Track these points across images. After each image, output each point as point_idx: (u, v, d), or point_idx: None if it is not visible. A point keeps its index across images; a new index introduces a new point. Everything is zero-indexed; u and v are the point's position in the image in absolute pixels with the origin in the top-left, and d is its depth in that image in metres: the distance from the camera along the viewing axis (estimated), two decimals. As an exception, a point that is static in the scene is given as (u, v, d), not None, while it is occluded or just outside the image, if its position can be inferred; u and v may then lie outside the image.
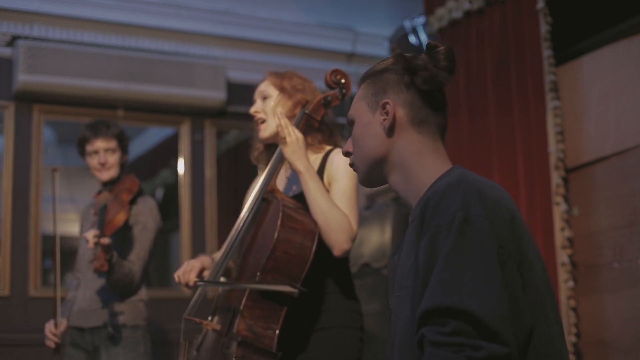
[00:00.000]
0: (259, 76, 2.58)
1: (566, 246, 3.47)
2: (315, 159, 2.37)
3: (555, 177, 3.52)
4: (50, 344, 3.03)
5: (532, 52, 3.70)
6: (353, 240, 2.22)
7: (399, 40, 4.58)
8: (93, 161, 3.20)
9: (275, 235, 2.11)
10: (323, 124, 2.39)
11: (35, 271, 4.40)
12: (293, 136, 2.24)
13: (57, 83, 4.46)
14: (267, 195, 2.28)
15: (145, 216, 3.19)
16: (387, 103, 1.48)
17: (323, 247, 2.21)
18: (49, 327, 3.05)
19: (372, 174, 1.53)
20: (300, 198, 2.27)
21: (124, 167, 3.29)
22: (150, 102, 4.74)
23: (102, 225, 2.97)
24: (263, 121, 2.43)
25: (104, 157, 3.18)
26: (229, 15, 4.97)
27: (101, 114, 4.71)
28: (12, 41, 4.50)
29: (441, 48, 1.46)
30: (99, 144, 3.18)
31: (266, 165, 2.41)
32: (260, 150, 2.52)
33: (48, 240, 4.76)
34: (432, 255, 1.28)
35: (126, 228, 3.14)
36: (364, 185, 1.58)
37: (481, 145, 3.91)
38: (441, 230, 1.28)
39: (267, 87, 2.44)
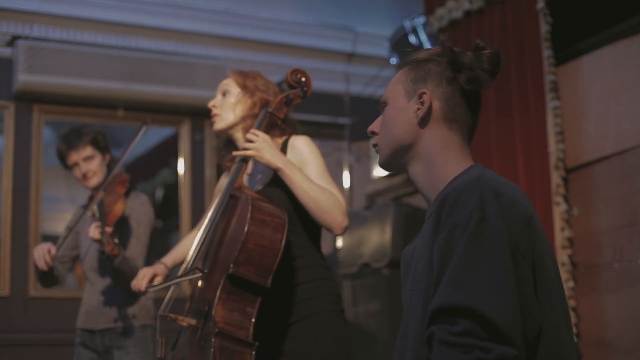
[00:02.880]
0: (258, 76, 2.61)
1: (566, 246, 3.47)
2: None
3: (555, 177, 3.52)
4: (42, 265, 2.92)
5: (532, 52, 3.70)
6: (347, 213, 2.28)
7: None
8: (76, 173, 3.22)
9: (246, 228, 2.15)
10: (285, 121, 2.44)
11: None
12: (260, 138, 2.28)
13: (57, 83, 4.46)
14: (235, 192, 2.32)
15: (137, 212, 3.20)
16: (424, 93, 1.47)
17: (289, 239, 2.25)
18: (48, 247, 2.96)
19: (393, 159, 1.52)
20: (264, 193, 2.32)
21: (109, 166, 3.28)
22: (150, 102, 4.74)
23: (103, 218, 2.95)
24: (216, 115, 2.52)
25: (84, 167, 3.17)
26: (229, 15, 4.97)
27: (101, 114, 4.72)
28: (12, 41, 4.50)
29: (487, 51, 1.46)
30: (74, 157, 3.18)
31: (231, 163, 2.48)
32: (222, 152, 2.60)
33: (48, 240, 4.75)
34: (446, 254, 1.27)
35: (122, 224, 3.14)
36: (382, 168, 1.57)
37: (481, 145, 3.91)
38: (457, 228, 1.27)
39: (228, 84, 2.51)
